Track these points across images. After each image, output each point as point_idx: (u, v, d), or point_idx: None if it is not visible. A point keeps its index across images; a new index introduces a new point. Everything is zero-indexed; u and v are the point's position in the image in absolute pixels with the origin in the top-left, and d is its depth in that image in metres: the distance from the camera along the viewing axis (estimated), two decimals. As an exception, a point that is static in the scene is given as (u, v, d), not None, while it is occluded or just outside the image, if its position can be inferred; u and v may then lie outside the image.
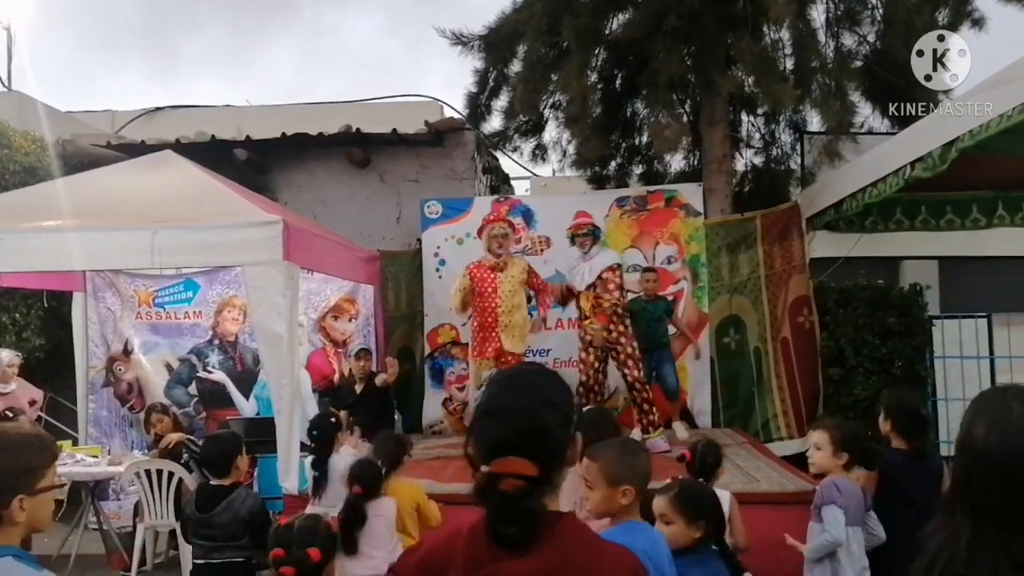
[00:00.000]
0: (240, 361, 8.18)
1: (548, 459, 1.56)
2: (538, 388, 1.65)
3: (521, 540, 1.52)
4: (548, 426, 1.58)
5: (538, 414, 1.58)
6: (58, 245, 5.47)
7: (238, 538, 4.07)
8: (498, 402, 1.64)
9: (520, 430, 1.56)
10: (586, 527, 1.68)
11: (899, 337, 7.49)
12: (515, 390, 1.65)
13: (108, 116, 12.82)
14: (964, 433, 1.47)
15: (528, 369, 1.77)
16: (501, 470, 1.53)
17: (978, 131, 4.69)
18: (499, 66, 9.92)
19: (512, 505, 1.51)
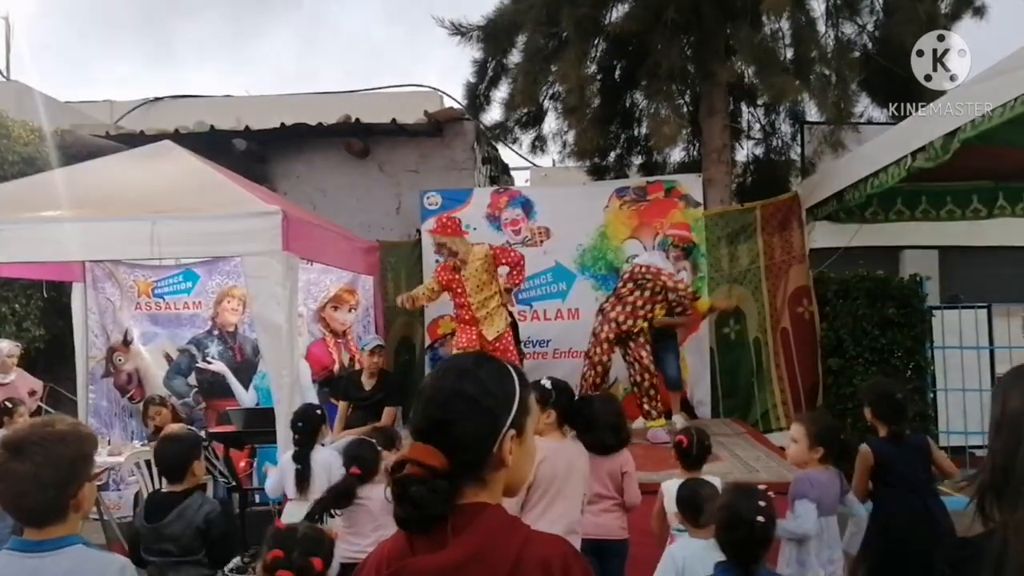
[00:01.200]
0: (240, 351, 8.18)
1: (460, 451, 1.52)
2: (464, 377, 1.59)
3: (418, 527, 1.51)
4: (457, 418, 1.54)
5: (451, 405, 1.55)
6: (57, 235, 5.45)
7: (195, 552, 3.65)
8: (426, 387, 1.62)
9: (432, 419, 1.55)
10: (513, 519, 1.61)
11: (899, 328, 7.50)
12: (442, 377, 1.62)
13: (107, 106, 12.79)
14: (1000, 409, 1.45)
15: (466, 358, 1.71)
16: (409, 456, 1.53)
17: (980, 121, 4.68)
18: (498, 57, 9.91)
19: (406, 492, 1.50)
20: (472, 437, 1.54)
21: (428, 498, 1.49)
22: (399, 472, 1.53)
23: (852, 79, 8.61)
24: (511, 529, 1.56)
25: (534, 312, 8.31)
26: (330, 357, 8.19)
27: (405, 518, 1.51)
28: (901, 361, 7.46)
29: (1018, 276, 11.14)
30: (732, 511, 2.74)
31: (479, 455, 1.55)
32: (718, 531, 2.80)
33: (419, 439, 1.55)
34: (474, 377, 1.59)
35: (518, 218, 8.38)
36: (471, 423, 1.54)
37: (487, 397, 1.57)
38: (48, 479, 2.09)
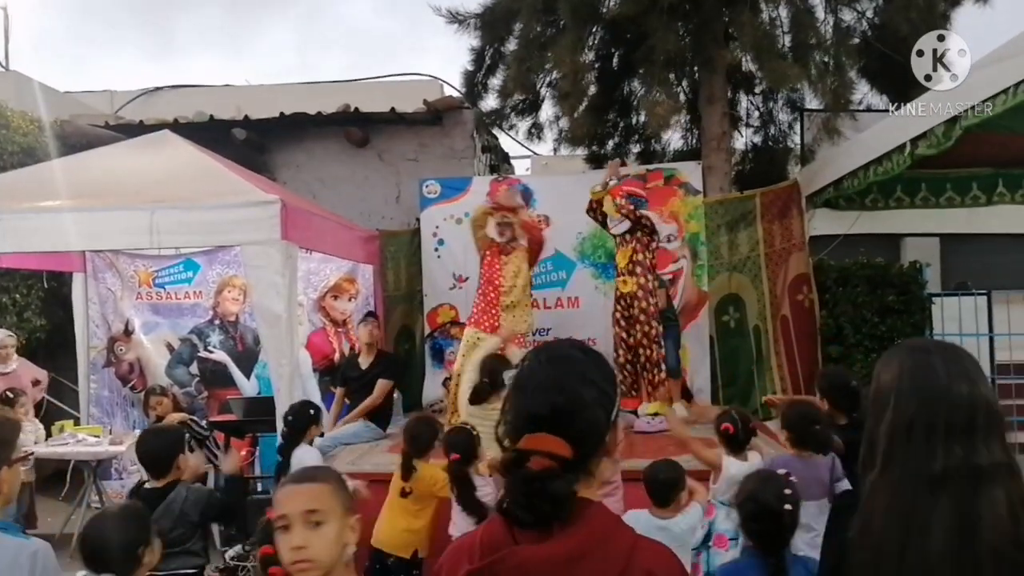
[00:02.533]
0: (241, 341, 8.20)
1: (584, 440, 1.45)
2: (578, 363, 1.53)
3: (536, 525, 1.41)
4: (586, 404, 1.47)
5: (576, 390, 1.47)
6: (57, 225, 5.46)
7: (185, 541, 3.62)
8: (534, 376, 1.52)
9: (555, 405, 1.45)
10: (618, 519, 1.53)
11: (898, 315, 7.50)
12: (552, 363, 1.54)
13: (107, 96, 12.75)
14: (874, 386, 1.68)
15: (569, 344, 1.62)
16: (531, 447, 1.41)
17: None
18: (495, 45, 9.90)
19: (536, 486, 1.39)
20: (598, 425, 1.49)
21: (567, 492, 1.41)
22: (521, 466, 1.41)
23: (851, 66, 8.59)
24: (619, 530, 1.49)
25: (533, 300, 8.30)
26: (330, 346, 8.20)
27: (530, 519, 1.41)
28: (901, 348, 7.45)
29: (1018, 263, 11.14)
30: (758, 502, 2.73)
31: (596, 445, 1.50)
32: (744, 521, 2.79)
33: (534, 428, 1.44)
34: (588, 364, 1.54)
35: (518, 207, 8.36)
36: (599, 409, 1.49)
37: (607, 385, 1.54)
38: None
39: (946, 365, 1.62)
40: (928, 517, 1.51)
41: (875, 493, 1.58)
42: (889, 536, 1.52)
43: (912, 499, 1.52)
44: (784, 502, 2.72)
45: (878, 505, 1.57)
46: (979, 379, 1.62)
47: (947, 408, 1.56)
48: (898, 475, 1.55)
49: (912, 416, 1.57)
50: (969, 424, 1.55)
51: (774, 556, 2.69)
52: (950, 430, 1.55)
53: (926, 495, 1.52)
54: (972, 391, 1.59)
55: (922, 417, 1.56)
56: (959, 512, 1.50)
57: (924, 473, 1.53)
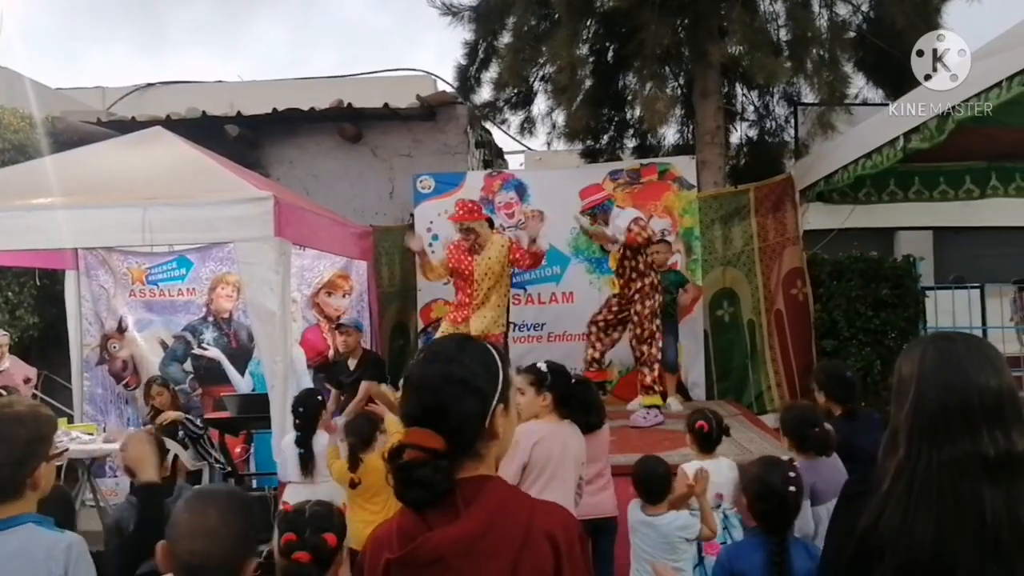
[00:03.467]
0: (235, 338, 8.18)
1: (459, 431, 1.60)
2: (450, 362, 1.67)
3: (424, 506, 1.58)
4: (451, 402, 1.61)
5: (441, 389, 1.63)
6: (48, 223, 5.42)
7: None
8: (414, 375, 1.70)
9: (426, 405, 1.62)
10: (515, 489, 1.75)
11: (892, 309, 7.52)
12: (429, 364, 1.70)
13: (98, 93, 12.74)
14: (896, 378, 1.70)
15: (449, 343, 1.80)
16: (407, 440, 1.60)
17: (975, 102, 4.67)
18: (489, 38, 9.87)
19: (405, 474, 1.57)
20: (467, 417, 1.63)
21: (433, 478, 1.57)
22: (399, 457, 1.59)
23: (845, 60, 8.59)
24: (517, 499, 1.69)
25: (528, 296, 8.31)
26: (324, 343, 8.19)
27: (414, 499, 1.59)
28: (895, 342, 7.47)
29: (1011, 256, 11.18)
30: (764, 483, 2.87)
31: (474, 432, 1.64)
32: (751, 503, 2.93)
33: (415, 424, 1.62)
34: (460, 361, 1.68)
35: (512, 201, 8.36)
36: (466, 404, 1.62)
37: (476, 378, 1.66)
38: (4, 458, 2.15)
39: (970, 354, 1.63)
40: (973, 501, 1.51)
41: (900, 477, 1.58)
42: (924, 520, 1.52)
43: (953, 483, 1.53)
44: (789, 484, 2.85)
45: (904, 489, 1.56)
46: (1003, 369, 1.63)
47: (977, 395, 1.57)
48: (935, 460, 1.55)
49: (943, 402, 1.58)
50: (998, 412, 1.56)
51: (777, 536, 2.80)
52: (986, 416, 1.56)
53: (972, 479, 1.52)
54: (999, 381, 1.60)
55: (954, 403, 1.57)
56: (1009, 497, 1.51)
57: (968, 457, 1.53)
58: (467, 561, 1.54)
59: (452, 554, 1.54)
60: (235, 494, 2.06)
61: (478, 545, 1.55)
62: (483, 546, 1.55)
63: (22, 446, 2.17)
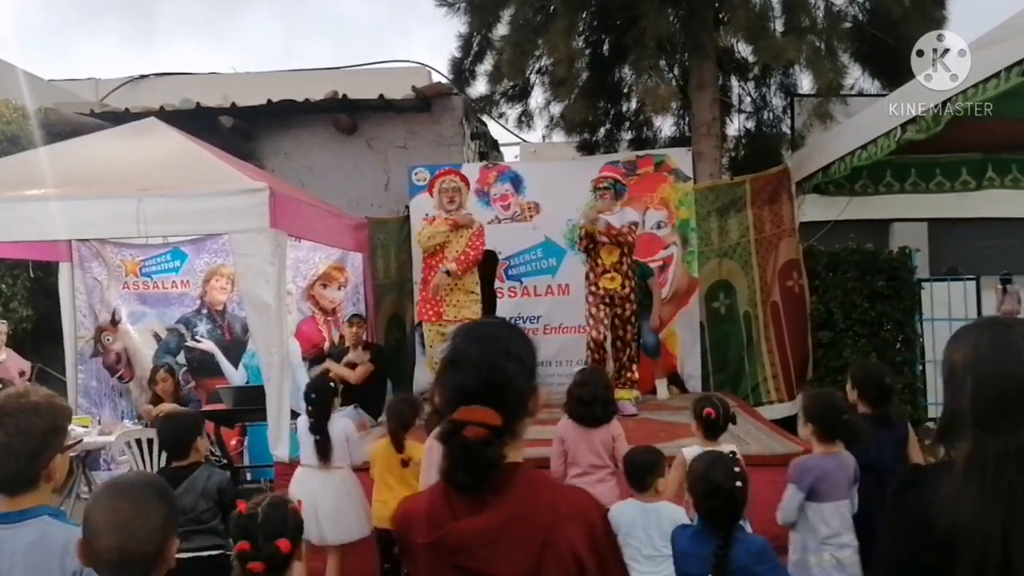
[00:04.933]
0: (228, 330, 8.16)
1: (511, 409, 1.61)
2: (502, 340, 1.69)
3: (476, 488, 1.57)
4: (511, 377, 1.63)
5: (502, 365, 1.63)
6: (42, 214, 5.40)
7: (207, 521, 3.83)
8: (464, 352, 1.68)
9: (485, 380, 1.61)
10: (543, 475, 1.75)
11: (888, 300, 7.50)
12: (480, 341, 1.70)
13: (92, 84, 12.68)
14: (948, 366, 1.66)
15: (492, 322, 1.85)
16: (466, 418, 1.57)
17: (972, 93, 4.66)
18: (483, 31, 9.83)
19: (473, 453, 1.56)
20: (522, 395, 1.66)
21: (495, 456, 1.57)
22: (458, 435, 1.57)
23: (843, 50, 8.57)
24: (544, 486, 1.68)
25: (524, 288, 8.30)
26: (320, 335, 8.18)
27: (468, 481, 1.58)
28: (890, 333, 7.47)
29: (1007, 248, 11.19)
30: (710, 481, 2.88)
31: (522, 411, 1.67)
32: (698, 500, 2.92)
33: (470, 401, 1.59)
34: (512, 339, 1.71)
35: (507, 193, 8.34)
36: (521, 382, 1.65)
37: (529, 356, 1.70)
38: (20, 449, 2.12)
39: (1018, 339, 1.59)
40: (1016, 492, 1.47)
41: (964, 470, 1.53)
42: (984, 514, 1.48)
43: (1013, 477, 1.49)
44: (735, 480, 2.87)
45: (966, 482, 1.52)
46: None
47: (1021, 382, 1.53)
48: (991, 451, 1.51)
49: (998, 390, 1.54)
50: None
51: (724, 531, 2.83)
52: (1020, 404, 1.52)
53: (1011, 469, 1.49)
54: None
55: (1010, 391, 1.53)
56: None
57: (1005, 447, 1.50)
58: (493, 549, 1.54)
59: (481, 543, 1.54)
60: (144, 481, 2.00)
61: (504, 535, 1.55)
62: (510, 536, 1.55)
63: (38, 437, 2.15)
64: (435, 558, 1.58)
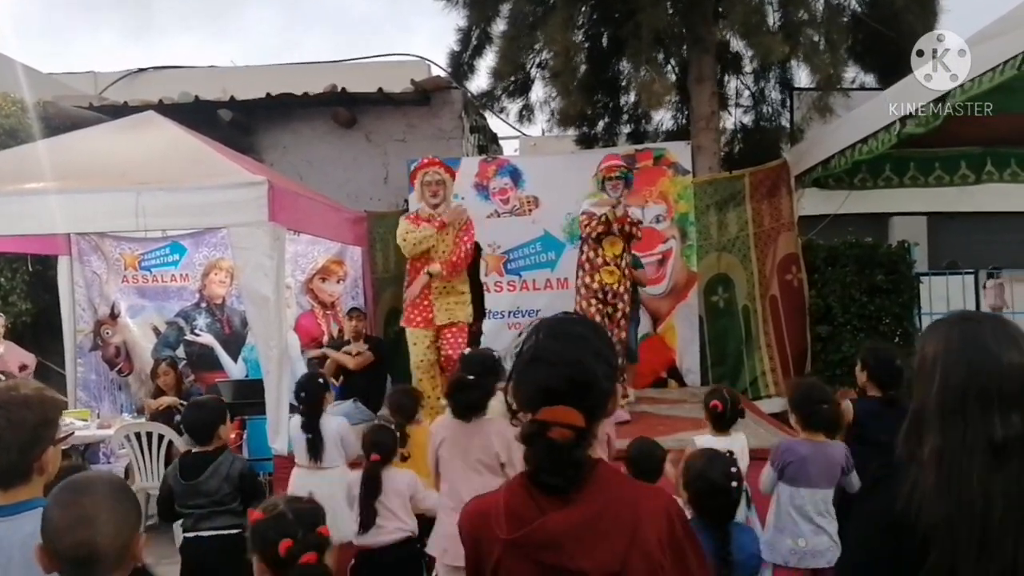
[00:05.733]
0: (228, 324, 8.16)
1: (593, 409, 1.58)
2: (586, 338, 1.65)
3: (566, 489, 1.55)
4: (597, 376, 1.59)
5: (588, 364, 1.59)
6: (41, 208, 5.40)
7: (228, 503, 4.00)
8: (547, 350, 1.62)
9: (571, 379, 1.57)
10: (618, 471, 1.72)
11: (887, 294, 7.52)
12: (564, 338, 1.65)
13: (90, 78, 12.65)
14: (919, 359, 1.68)
15: (573, 319, 1.76)
16: (551, 418, 1.54)
17: (969, 87, 4.67)
18: (482, 24, 9.82)
19: (560, 454, 1.53)
20: (606, 395, 1.63)
21: (583, 457, 1.56)
22: (543, 436, 1.55)
23: (841, 44, 8.56)
24: (625, 482, 1.68)
25: (523, 282, 8.30)
26: (319, 328, 8.18)
27: (559, 482, 1.56)
28: (889, 327, 7.49)
29: (1006, 242, 11.19)
30: (708, 480, 2.89)
31: (604, 410, 1.64)
32: (695, 498, 2.92)
33: (554, 401, 1.56)
34: (594, 337, 1.68)
35: (506, 187, 8.33)
36: (605, 381, 1.62)
37: (611, 356, 1.67)
38: (11, 441, 2.14)
39: (994, 334, 1.61)
40: (989, 487, 1.50)
41: (929, 463, 1.56)
42: (945, 507, 1.51)
43: (970, 469, 1.51)
44: (731, 479, 2.88)
45: (931, 475, 1.55)
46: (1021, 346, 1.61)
47: (999, 377, 1.55)
48: (954, 444, 1.54)
49: (964, 385, 1.56)
50: (1022, 393, 1.55)
51: (721, 529, 2.84)
52: (1004, 399, 1.53)
53: (987, 465, 1.51)
54: (1013, 358, 1.57)
55: (974, 385, 1.55)
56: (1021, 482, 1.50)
57: (983, 442, 1.52)
58: (580, 545, 1.53)
59: (568, 538, 1.53)
60: (106, 479, 1.98)
61: (591, 531, 1.53)
62: (596, 531, 1.53)
63: (30, 429, 2.16)
64: (519, 555, 1.55)
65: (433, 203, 6.28)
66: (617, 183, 6.38)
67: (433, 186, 6.28)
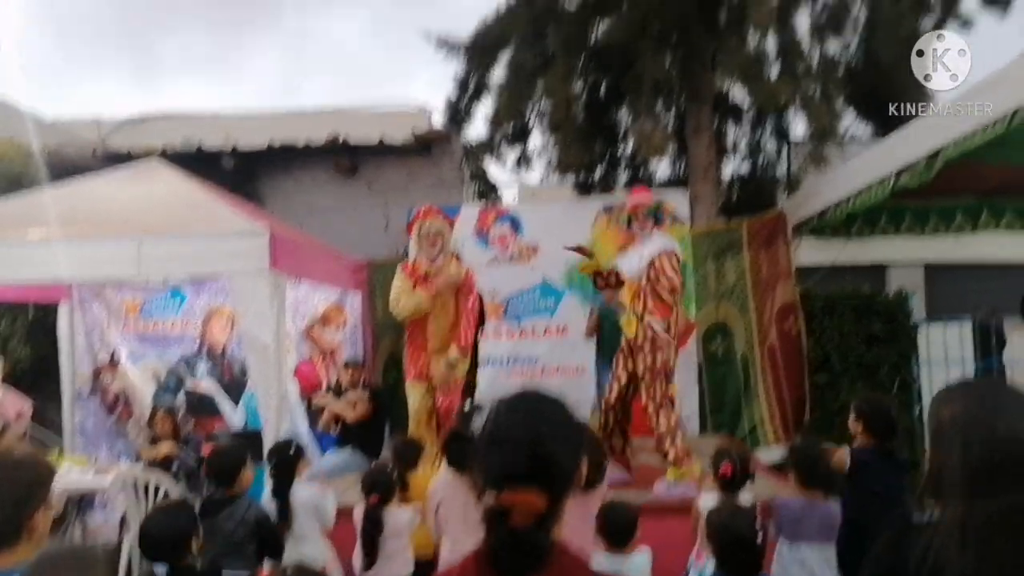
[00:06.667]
0: (228, 370, 8.14)
1: (557, 489, 1.52)
2: (547, 415, 1.59)
3: (522, 573, 1.50)
4: (558, 457, 1.53)
5: (548, 444, 1.52)
6: (43, 256, 5.44)
7: (242, 546, 4.04)
8: (506, 429, 1.57)
9: (531, 460, 1.51)
10: (578, 559, 1.63)
11: (885, 343, 7.52)
12: (524, 415, 1.59)
13: (94, 124, 12.75)
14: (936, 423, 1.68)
15: (535, 394, 1.67)
16: (511, 502, 1.48)
17: (962, 141, 4.73)
18: (480, 72, 9.96)
19: (521, 539, 1.48)
20: (569, 474, 1.55)
21: (544, 542, 1.50)
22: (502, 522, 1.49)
23: (837, 96, 8.68)
24: (579, 566, 1.58)
25: (521, 329, 8.32)
26: (318, 376, 8.15)
27: (517, 567, 1.49)
28: (887, 377, 7.48)
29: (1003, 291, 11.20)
30: (733, 533, 2.88)
31: (568, 489, 1.56)
32: (720, 552, 2.91)
33: (512, 483, 1.49)
34: (557, 414, 1.60)
35: (506, 235, 8.39)
36: (570, 459, 1.55)
37: (576, 433, 1.60)
38: (3, 502, 2.16)
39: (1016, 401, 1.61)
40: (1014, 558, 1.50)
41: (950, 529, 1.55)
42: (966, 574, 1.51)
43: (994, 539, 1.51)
44: (756, 531, 2.89)
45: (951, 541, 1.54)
46: None
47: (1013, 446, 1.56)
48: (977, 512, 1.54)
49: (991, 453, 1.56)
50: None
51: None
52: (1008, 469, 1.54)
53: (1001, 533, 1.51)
54: None
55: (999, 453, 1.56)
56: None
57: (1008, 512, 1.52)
58: None
59: None
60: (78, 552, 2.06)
61: None
62: None
63: (21, 490, 2.18)
64: None
65: (432, 254, 6.13)
66: (646, 221, 5.85)
67: (432, 237, 6.11)
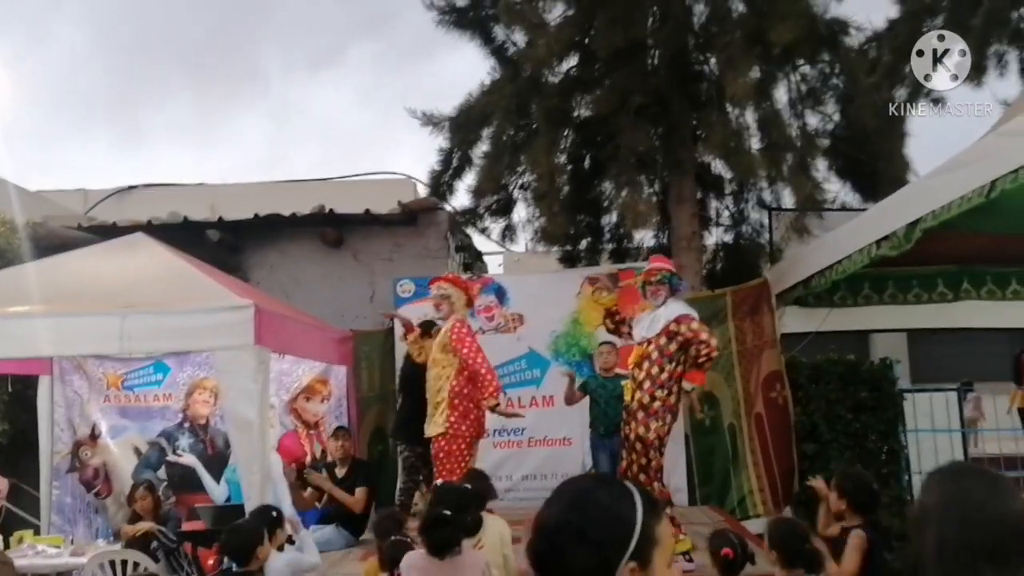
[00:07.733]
0: (211, 444, 8.02)
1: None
2: (574, 508, 1.52)
3: None
4: (565, 552, 1.46)
5: (558, 537, 1.49)
6: (26, 331, 5.40)
7: None
8: (539, 515, 1.54)
9: (541, 551, 1.49)
10: None
11: (871, 411, 7.53)
12: (551, 505, 1.55)
13: (80, 195, 12.81)
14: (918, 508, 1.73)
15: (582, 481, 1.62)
16: None
17: (940, 212, 4.80)
18: (463, 147, 10.08)
19: None
20: (580, 571, 1.46)
21: None
22: None
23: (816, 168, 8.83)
24: None
25: (508, 400, 8.25)
26: (302, 449, 8.05)
27: None
28: (875, 445, 7.46)
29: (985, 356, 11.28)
30: None
31: None
32: None
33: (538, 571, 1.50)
34: (584, 505, 1.52)
35: (492, 305, 8.39)
36: (580, 556, 1.46)
37: (597, 528, 1.48)
38: None
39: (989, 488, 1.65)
40: None
41: None
42: None
43: None
44: None
45: None
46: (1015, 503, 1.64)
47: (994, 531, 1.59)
48: None
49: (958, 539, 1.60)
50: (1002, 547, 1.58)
51: None
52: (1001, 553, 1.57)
53: None
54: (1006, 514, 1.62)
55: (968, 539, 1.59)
56: None
57: None
58: None
59: None
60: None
61: None
62: None
63: None
64: None
65: (438, 317, 6.23)
66: (659, 288, 5.72)
67: (436, 300, 6.16)
